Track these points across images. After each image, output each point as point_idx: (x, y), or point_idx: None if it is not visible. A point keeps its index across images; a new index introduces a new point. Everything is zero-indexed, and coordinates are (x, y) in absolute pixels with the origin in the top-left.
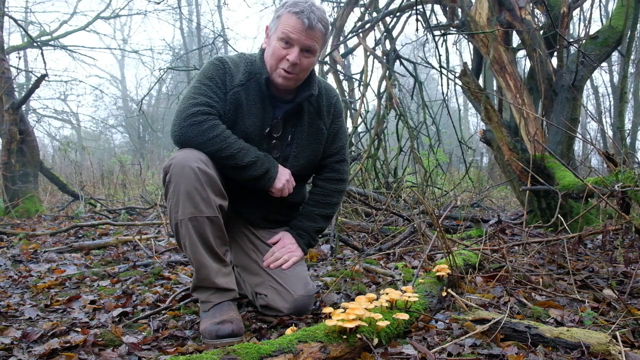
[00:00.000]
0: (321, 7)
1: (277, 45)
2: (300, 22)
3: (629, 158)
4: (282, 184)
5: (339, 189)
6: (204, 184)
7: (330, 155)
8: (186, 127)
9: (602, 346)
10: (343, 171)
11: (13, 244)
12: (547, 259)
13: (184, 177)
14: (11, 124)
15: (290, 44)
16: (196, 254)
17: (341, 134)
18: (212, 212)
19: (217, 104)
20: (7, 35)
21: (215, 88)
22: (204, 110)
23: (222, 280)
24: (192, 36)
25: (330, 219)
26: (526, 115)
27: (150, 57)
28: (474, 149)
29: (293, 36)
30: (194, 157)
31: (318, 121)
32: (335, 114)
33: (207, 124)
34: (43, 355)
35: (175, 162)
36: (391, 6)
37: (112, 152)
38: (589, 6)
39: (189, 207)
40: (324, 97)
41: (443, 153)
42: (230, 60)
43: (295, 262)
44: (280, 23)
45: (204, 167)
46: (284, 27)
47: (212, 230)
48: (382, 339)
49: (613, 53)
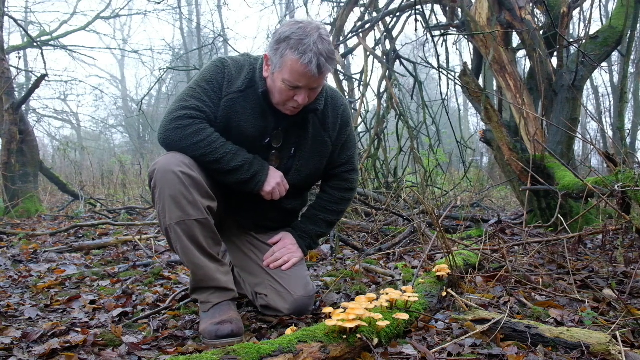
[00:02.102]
0: (325, 34)
1: (283, 87)
2: (308, 71)
3: (629, 158)
4: (272, 187)
5: (347, 198)
6: (188, 187)
7: (340, 165)
8: (170, 130)
9: (602, 346)
10: (353, 180)
11: (13, 244)
12: (547, 259)
13: (167, 181)
14: (11, 124)
15: (298, 88)
16: (190, 256)
17: (349, 143)
18: (201, 215)
19: (208, 108)
20: (7, 35)
21: (210, 92)
22: (190, 114)
23: (221, 280)
24: (192, 36)
25: (334, 225)
26: (526, 115)
27: (150, 57)
28: (474, 149)
29: (301, 84)
30: (176, 161)
31: (323, 133)
32: (342, 124)
33: (192, 128)
34: (43, 355)
35: (158, 167)
36: (391, 6)
37: (112, 152)
38: (589, 6)
39: (175, 212)
40: (329, 109)
41: (443, 153)
42: (234, 63)
43: (295, 263)
44: (284, 66)
45: (187, 171)
46: (291, 75)
47: (202, 232)
48: (382, 339)
49: (613, 53)
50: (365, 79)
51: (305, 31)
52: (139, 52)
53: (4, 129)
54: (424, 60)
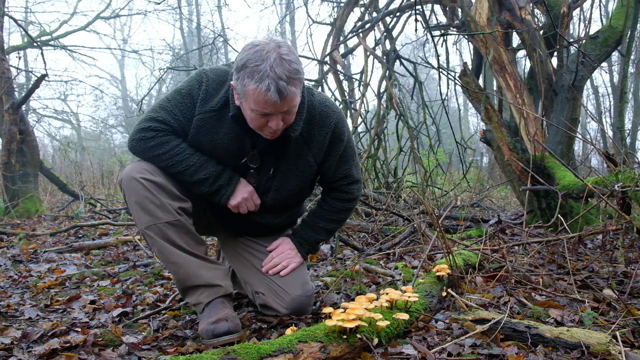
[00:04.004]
0: (285, 52)
1: (253, 116)
2: (268, 99)
3: (629, 158)
4: (237, 202)
5: (347, 207)
6: (153, 192)
7: (338, 180)
8: (136, 141)
9: (602, 346)
10: (353, 190)
11: (13, 244)
12: (547, 259)
13: (132, 189)
14: (11, 124)
15: (268, 114)
16: (167, 256)
17: (345, 157)
18: (172, 217)
19: (176, 122)
20: (7, 35)
21: (183, 106)
22: (155, 127)
23: (206, 275)
24: (192, 36)
25: (334, 232)
26: (526, 115)
27: (150, 57)
28: (474, 149)
29: (268, 111)
30: (139, 168)
31: (306, 153)
32: (333, 141)
33: (155, 140)
34: (43, 355)
35: (123, 175)
36: (391, 6)
37: (112, 152)
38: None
39: (144, 217)
40: (316, 127)
41: (443, 153)
42: (215, 78)
43: (293, 268)
44: (247, 96)
45: (150, 176)
46: (255, 104)
47: (177, 234)
48: (382, 339)
49: (613, 53)
50: (365, 79)
51: (261, 55)
52: (139, 52)
53: (4, 129)
54: (424, 60)
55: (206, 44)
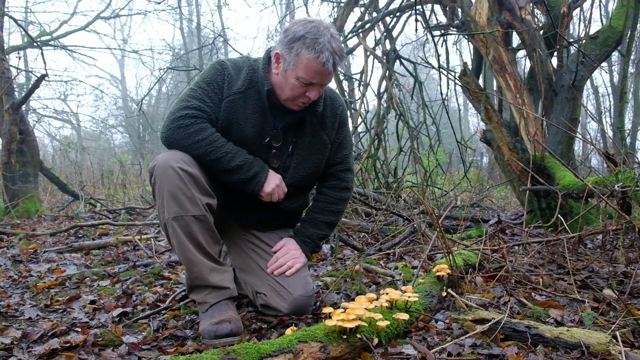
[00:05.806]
0: (335, 33)
1: (296, 84)
2: (324, 69)
3: (629, 158)
4: (271, 189)
5: (343, 197)
6: (187, 184)
7: (335, 164)
8: (173, 129)
9: (602, 346)
10: (348, 179)
11: (13, 244)
12: (547, 259)
13: (166, 177)
14: (11, 124)
15: (311, 84)
16: (185, 252)
17: (346, 142)
18: (199, 211)
19: (209, 108)
20: (7, 35)
21: (211, 93)
22: (192, 114)
23: (216, 278)
24: (192, 36)
25: (334, 226)
26: (526, 115)
27: (150, 57)
28: (474, 149)
29: (316, 81)
30: (176, 157)
31: (321, 132)
32: (340, 124)
33: (194, 127)
34: (43, 355)
35: (158, 163)
36: (391, 6)
37: (112, 152)
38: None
39: (173, 207)
40: (328, 108)
41: (443, 153)
42: (233, 65)
43: (299, 268)
44: (299, 64)
45: (186, 167)
46: (306, 73)
47: (200, 229)
48: (382, 339)
49: (613, 53)
50: (365, 79)
51: (318, 30)
52: (139, 52)
53: (4, 129)
54: (424, 60)
55: (206, 44)
